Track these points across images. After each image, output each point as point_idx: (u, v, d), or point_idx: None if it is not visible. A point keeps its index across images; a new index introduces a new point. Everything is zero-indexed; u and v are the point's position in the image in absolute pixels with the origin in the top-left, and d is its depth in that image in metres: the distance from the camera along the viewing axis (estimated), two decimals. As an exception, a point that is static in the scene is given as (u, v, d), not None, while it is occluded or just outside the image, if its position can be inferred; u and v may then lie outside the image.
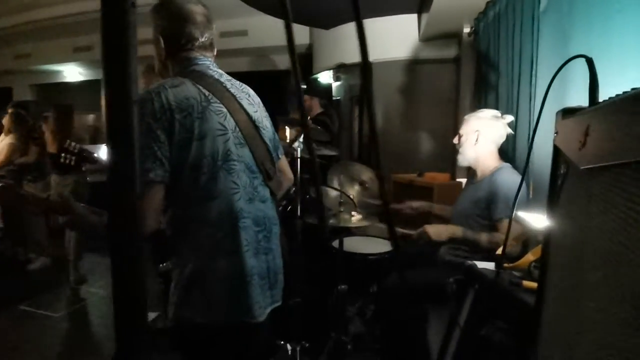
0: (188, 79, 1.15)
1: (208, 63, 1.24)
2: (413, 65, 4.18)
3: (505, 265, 1.17)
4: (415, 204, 2.37)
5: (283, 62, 6.44)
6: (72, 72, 7.88)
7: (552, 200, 0.82)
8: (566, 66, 1.78)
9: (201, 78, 1.17)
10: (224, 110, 1.16)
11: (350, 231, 2.17)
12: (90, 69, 7.74)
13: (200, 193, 1.11)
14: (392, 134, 4.28)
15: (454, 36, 3.88)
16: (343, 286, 1.96)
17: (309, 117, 2.84)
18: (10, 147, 3.97)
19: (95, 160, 1.97)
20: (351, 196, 2.60)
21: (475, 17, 3.30)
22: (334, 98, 4.98)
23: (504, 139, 1.97)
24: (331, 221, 1.97)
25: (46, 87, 8.39)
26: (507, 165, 1.93)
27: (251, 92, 1.33)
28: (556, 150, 0.84)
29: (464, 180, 3.32)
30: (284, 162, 1.46)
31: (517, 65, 2.31)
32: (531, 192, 1.98)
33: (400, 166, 3.84)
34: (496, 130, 1.93)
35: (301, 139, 1.87)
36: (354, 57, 4.43)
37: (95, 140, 7.25)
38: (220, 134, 1.13)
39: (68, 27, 6.56)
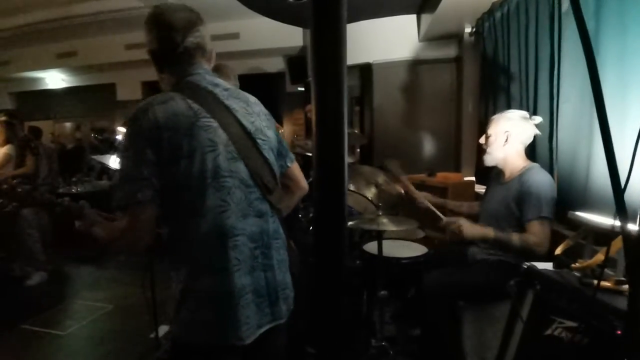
0: (178, 93, 1.11)
1: (202, 72, 1.18)
2: (413, 65, 4.22)
3: (573, 265, 1.18)
4: (430, 197, 2.41)
5: (275, 64, 6.41)
6: (55, 79, 7.63)
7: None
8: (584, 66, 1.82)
9: (193, 91, 1.13)
10: (214, 124, 1.11)
11: (380, 235, 2.16)
12: (74, 75, 7.51)
13: (188, 211, 1.08)
14: (395, 134, 4.31)
15: (454, 36, 3.94)
16: (383, 292, 1.95)
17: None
18: (5, 157, 3.80)
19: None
20: (370, 199, 2.60)
21: (478, 17, 3.35)
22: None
23: (531, 139, 2.00)
24: (367, 226, 1.95)
25: (27, 95, 8.10)
26: (536, 165, 1.95)
27: (251, 100, 1.27)
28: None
29: (472, 179, 3.37)
30: (295, 171, 1.39)
31: (532, 66, 2.35)
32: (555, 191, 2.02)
33: (405, 166, 3.86)
34: (525, 130, 1.95)
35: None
36: (352, 58, 4.45)
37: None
38: (209, 150, 1.09)
39: (50, 33, 6.34)
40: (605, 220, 1.26)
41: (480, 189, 3.12)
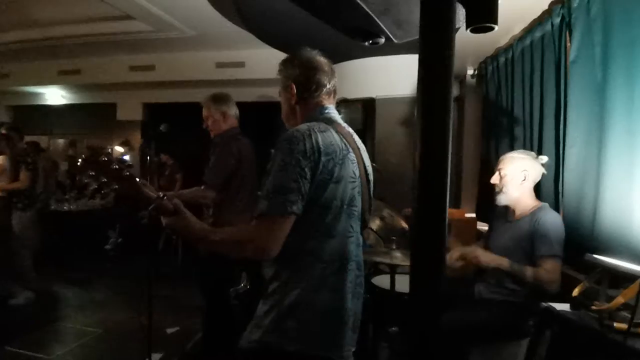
0: (331, 127, 1.23)
1: (334, 112, 1.32)
2: (415, 102, 4.30)
3: (593, 307, 1.20)
4: None
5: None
6: (55, 95, 7.62)
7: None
8: (596, 109, 1.87)
9: (339, 127, 1.26)
10: (355, 160, 1.25)
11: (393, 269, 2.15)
12: (74, 93, 7.52)
13: (322, 230, 1.17)
14: (396, 167, 4.37)
15: (456, 77, 4.09)
16: (394, 328, 1.92)
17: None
18: None
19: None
20: (375, 231, 2.61)
21: (481, 61, 3.50)
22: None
23: (540, 178, 2.06)
24: (379, 258, 1.95)
25: (24, 109, 8.06)
26: (546, 204, 1.99)
27: (362, 145, 1.40)
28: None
29: (473, 215, 3.42)
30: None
31: (537, 111, 2.44)
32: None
33: (406, 200, 3.90)
34: (537, 169, 2.01)
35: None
36: (356, 93, 4.57)
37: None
38: (351, 181, 1.22)
39: (54, 50, 6.38)
40: (621, 263, 1.29)
41: (481, 226, 3.16)
